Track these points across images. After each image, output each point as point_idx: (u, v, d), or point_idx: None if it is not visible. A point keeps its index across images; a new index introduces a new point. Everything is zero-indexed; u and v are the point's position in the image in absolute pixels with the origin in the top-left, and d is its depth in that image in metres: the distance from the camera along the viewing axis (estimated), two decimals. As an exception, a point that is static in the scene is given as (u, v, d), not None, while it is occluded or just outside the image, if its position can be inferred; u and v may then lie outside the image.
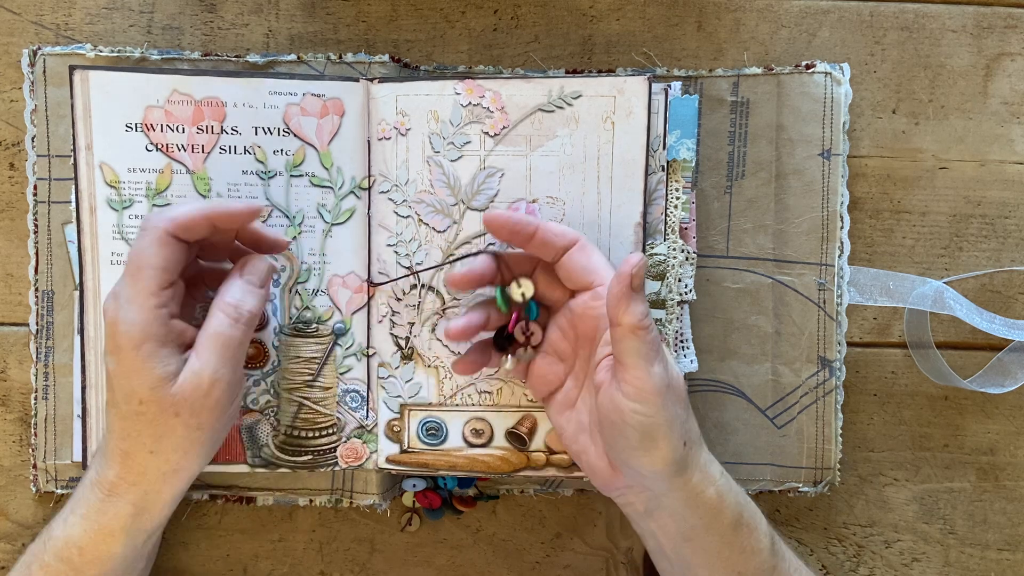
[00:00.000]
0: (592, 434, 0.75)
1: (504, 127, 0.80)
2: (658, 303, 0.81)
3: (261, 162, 0.81)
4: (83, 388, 0.82)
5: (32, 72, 0.83)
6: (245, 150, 0.81)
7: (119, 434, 0.71)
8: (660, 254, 0.81)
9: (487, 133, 0.80)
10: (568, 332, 0.77)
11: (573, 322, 0.76)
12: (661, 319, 0.82)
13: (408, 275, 0.82)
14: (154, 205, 0.80)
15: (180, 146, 0.80)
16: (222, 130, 0.80)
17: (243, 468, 0.83)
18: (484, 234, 0.81)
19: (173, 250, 0.70)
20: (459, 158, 0.81)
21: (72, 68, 0.79)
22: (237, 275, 0.74)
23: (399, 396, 0.83)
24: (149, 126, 0.80)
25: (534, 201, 0.81)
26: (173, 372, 0.69)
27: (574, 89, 0.80)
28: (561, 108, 0.80)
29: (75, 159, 0.80)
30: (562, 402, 0.78)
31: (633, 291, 0.68)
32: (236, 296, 0.72)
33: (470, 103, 0.80)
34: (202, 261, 0.78)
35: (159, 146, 0.80)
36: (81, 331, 0.81)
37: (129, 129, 0.80)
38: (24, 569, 0.75)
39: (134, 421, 0.70)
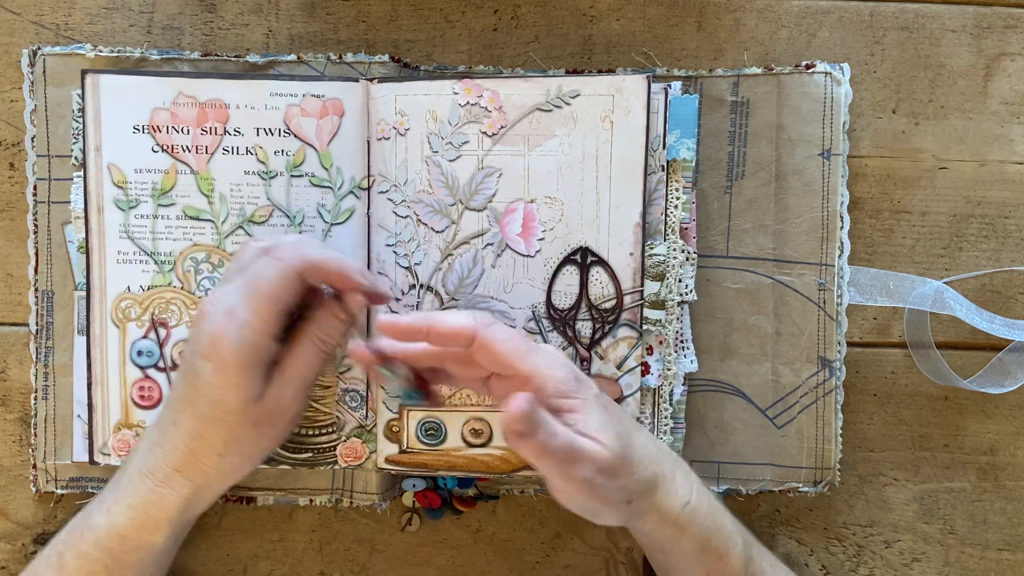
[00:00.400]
0: None
1: (502, 127, 0.80)
2: (658, 303, 0.81)
3: (262, 163, 0.81)
4: (89, 385, 0.82)
5: (32, 72, 0.83)
6: (247, 151, 0.81)
7: (191, 432, 0.72)
8: (660, 254, 0.81)
9: (485, 133, 0.80)
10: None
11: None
12: (661, 319, 0.82)
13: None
14: (159, 205, 0.81)
15: (185, 147, 0.81)
16: (225, 131, 0.81)
17: (244, 465, 0.84)
18: (483, 233, 0.81)
19: (296, 287, 0.72)
20: (457, 158, 0.81)
21: (84, 72, 0.80)
22: (334, 310, 0.75)
23: (398, 396, 0.83)
24: (156, 128, 0.81)
25: (532, 201, 0.81)
26: (264, 390, 0.72)
27: (572, 88, 0.80)
28: (559, 107, 0.80)
29: (84, 160, 0.81)
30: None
31: (521, 439, 0.66)
32: (328, 331, 0.75)
33: (468, 103, 0.80)
34: None
35: (165, 147, 0.81)
36: (87, 329, 0.82)
37: (136, 131, 0.81)
38: (56, 559, 0.76)
39: (213, 425, 0.72)
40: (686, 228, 0.83)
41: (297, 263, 0.71)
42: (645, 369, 0.82)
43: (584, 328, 0.82)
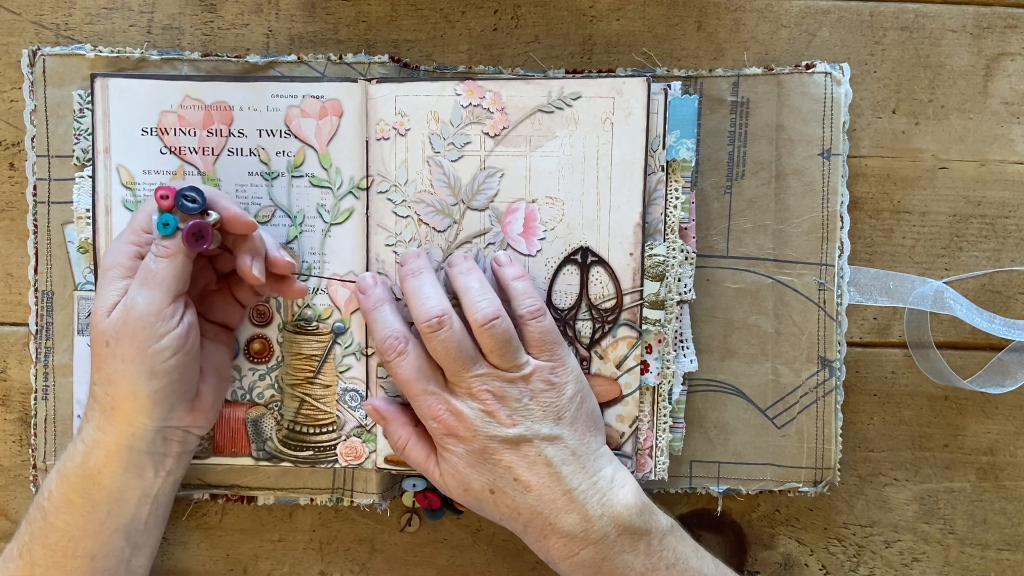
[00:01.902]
0: None
1: (504, 128, 0.80)
2: (657, 303, 0.81)
3: (265, 163, 0.81)
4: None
5: (32, 72, 0.83)
6: (250, 152, 0.82)
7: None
8: (660, 254, 0.81)
9: (487, 134, 0.81)
10: None
11: None
12: (660, 320, 0.82)
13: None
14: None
15: (192, 149, 0.82)
16: (230, 133, 0.81)
17: (248, 461, 0.84)
18: (484, 233, 0.81)
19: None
20: (459, 158, 0.81)
21: (93, 76, 0.81)
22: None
23: (398, 396, 0.83)
24: (163, 130, 0.82)
25: (533, 201, 0.81)
26: (115, 305, 0.73)
27: (573, 90, 0.80)
28: (561, 109, 0.80)
29: (93, 162, 0.82)
30: None
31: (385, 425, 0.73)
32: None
33: (470, 104, 0.80)
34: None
35: (172, 149, 0.82)
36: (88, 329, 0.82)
37: (145, 133, 0.82)
38: (25, 527, 0.78)
39: (92, 353, 0.75)
40: (685, 228, 0.83)
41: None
42: (644, 367, 0.82)
43: (584, 328, 0.82)
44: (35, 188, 0.84)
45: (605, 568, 0.74)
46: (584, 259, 0.81)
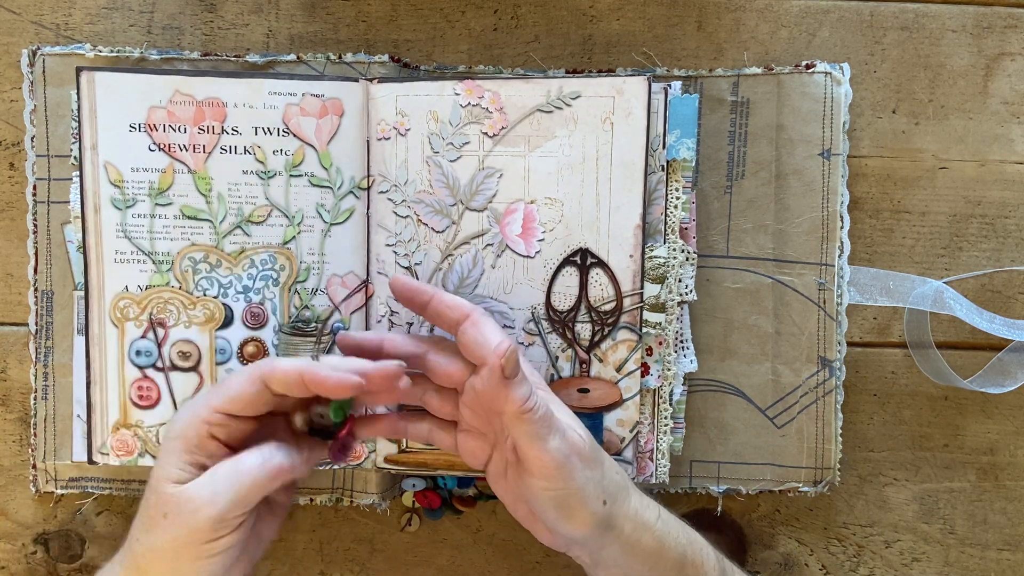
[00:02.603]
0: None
1: (503, 128, 0.80)
2: (658, 306, 0.81)
3: (261, 162, 0.81)
4: (88, 384, 0.82)
5: (31, 72, 0.83)
6: (245, 150, 0.81)
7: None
8: (660, 256, 0.81)
9: (486, 133, 0.80)
10: (477, 408, 0.75)
11: (476, 398, 0.74)
12: (660, 323, 0.82)
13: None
14: (157, 204, 0.81)
15: (182, 146, 0.81)
16: (223, 130, 0.81)
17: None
18: (483, 234, 0.81)
19: (256, 390, 0.70)
20: (458, 158, 0.81)
21: (79, 69, 0.80)
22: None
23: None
24: (152, 126, 0.81)
25: (532, 202, 0.81)
26: (181, 479, 0.69)
27: (573, 89, 0.80)
28: (560, 108, 0.80)
29: (80, 159, 0.81)
30: (495, 473, 0.77)
31: (507, 378, 0.68)
32: (273, 449, 0.71)
33: (469, 103, 0.80)
34: None
35: (162, 146, 0.81)
36: (86, 329, 0.82)
37: (133, 129, 0.81)
38: None
39: (141, 505, 0.70)
40: (686, 228, 0.83)
41: (264, 370, 0.70)
42: (645, 370, 0.82)
43: (583, 330, 0.82)
44: (35, 188, 0.84)
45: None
46: (583, 261, 0.81)
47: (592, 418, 0.82)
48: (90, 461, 0.83)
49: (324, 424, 0.74)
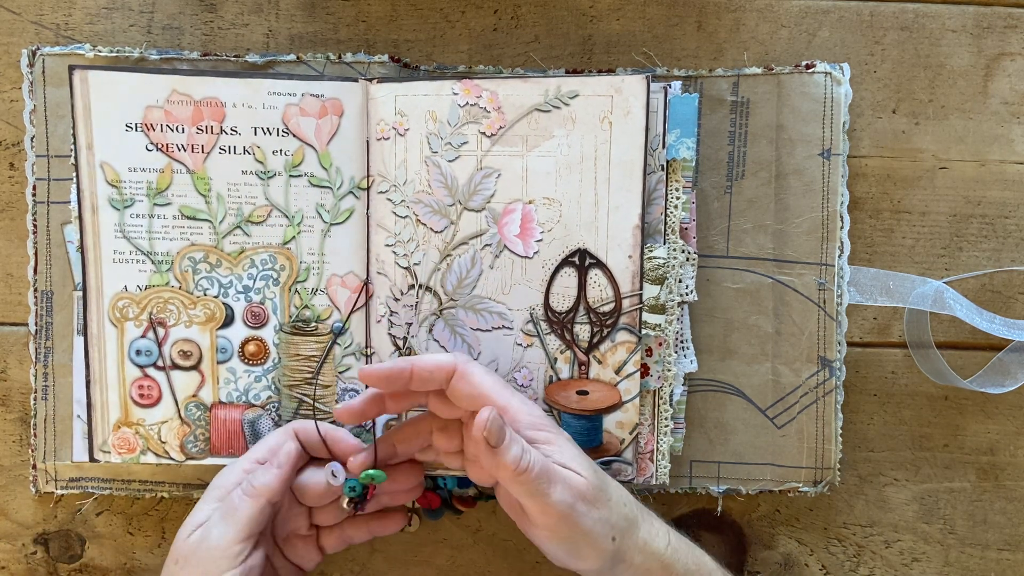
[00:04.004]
0: None
1: (501, 127, 0.80)
2: (657, 308, 0.81)
3: (260, 162, 0.81)
4: (87, 383, 0.82)
5: (31, 72, 0.83)
6: (244, 150, 0.81)
7: None
8: (660, 257, 0.81)
9: (484, 133, 0.80)
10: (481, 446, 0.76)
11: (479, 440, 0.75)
12: (660, 324, 0.82)
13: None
14: (155, 204, 0.81)
15: (180, 146, 0.81)
16: (221, 130, 0.81)
17: (246, 463, 0.84)
18: (481, 234, 0.81)
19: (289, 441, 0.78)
20: (456, 158, 0.81)
21: (72, 68, 0.80)
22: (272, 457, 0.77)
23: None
24: (149, 126, 0.81)
25: (530, 202, 0.81)
26: (203, 521, 0.74)
27: (571, 89, 0.80)
28: (558, 108, 0.80)
29: (76, 158, 0.81)
30: (506, 501, 0.77)
31: (494, 447, 0.68)
32: (256, 473, 0.76)
33: (467, 103, 0.80)
34: None
35: (159, 146, 0.81)
36: (84, 329, 0.82)
37: (129, 129, 0.81)
38: None
39: (167, 561, 0.75)
40: (686, 228, 0.83)
41: (295, 426, 0.78)
42: (644, 371, 0.82)
43: (582, 331, 0.82)
44: (35, 188, 0.84)
45: None
46: (582, 261, 0.81)
47: (591, 420, 0.82)
48: (91, 459, 0.83)
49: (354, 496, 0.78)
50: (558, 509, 0.69)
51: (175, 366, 0.83)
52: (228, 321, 0.83)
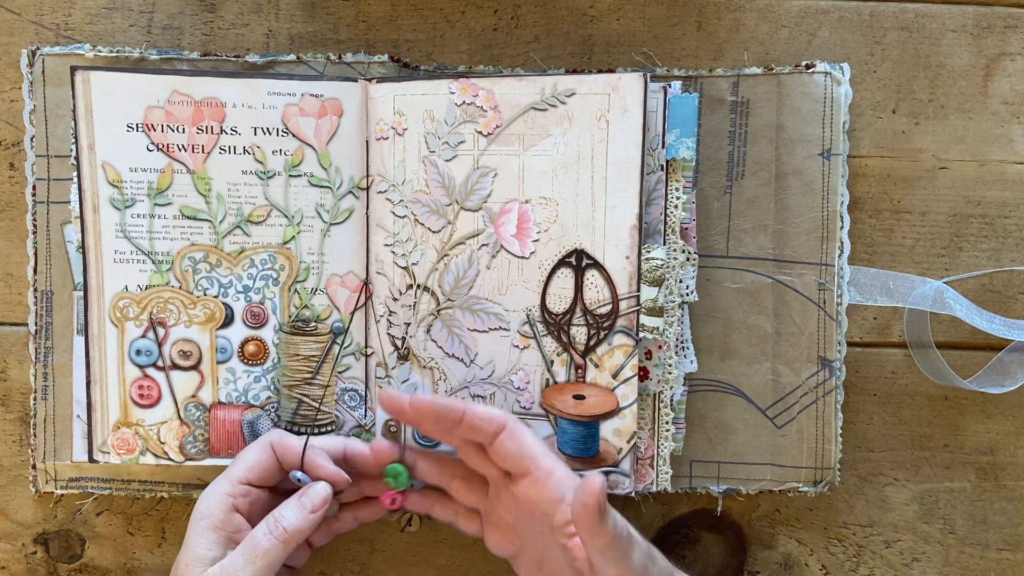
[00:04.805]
0: None
1: (497, 126, 0.80)
2: (655, 310, 0.81)
3: (260, 162, 0.81)
4: (88, 383, 0.83)
5: (31, 72, 0.84)
6: (244, 150, 0.81)
7: None
8: (658, 258, 0.81)
9: (480, 132, 0.80)
10: (512, 510, 0.77)
11: (516, 503, 0.76)
12: (658, 327, 0.81)
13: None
14: (156, 204, 0.81)
15: (181, 146, 0.81)
16: (222, 130, 0.81)
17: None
18: (478, 234, 0.81)
19: (267, 456, 0.78)
20: (453, 158, 0.81)
21: (73, 68, 0.80)
22: (296, 495, 0.78)
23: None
24: (150, 126, 0.81)
25: (527, 202, 0.81)
26: (212, 558, 0.74)
27: (567, 87, 0.80)
28: (554, 106, 0.80)
29: (78, 159, 0.81)
30: (525, 569, 0.79)
31: (601, 516, 0.67)
32: (282, 511, 0.76)
33: (464, 102, 0.80)
34: None
35: (160, 146, 0.81)
36: (85, 328, 0.82)
37: (130, 129, 0.81)
38: None
39: None
40: (686, 228, 0.83)
41: (272, 436, 0.79)
42: (644, 374, 0.82)
43: (579, 333, 0.81)
44: (34, 188, 0.84)
45: None
46: (579, 262, 0.81)
47: (588, 427, 0.82)
48: (91, 460, 0.83)
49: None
50: (636, 571, 0.69)
51: (175, 366, 0.83)
52: (228, 321, 0.83)
